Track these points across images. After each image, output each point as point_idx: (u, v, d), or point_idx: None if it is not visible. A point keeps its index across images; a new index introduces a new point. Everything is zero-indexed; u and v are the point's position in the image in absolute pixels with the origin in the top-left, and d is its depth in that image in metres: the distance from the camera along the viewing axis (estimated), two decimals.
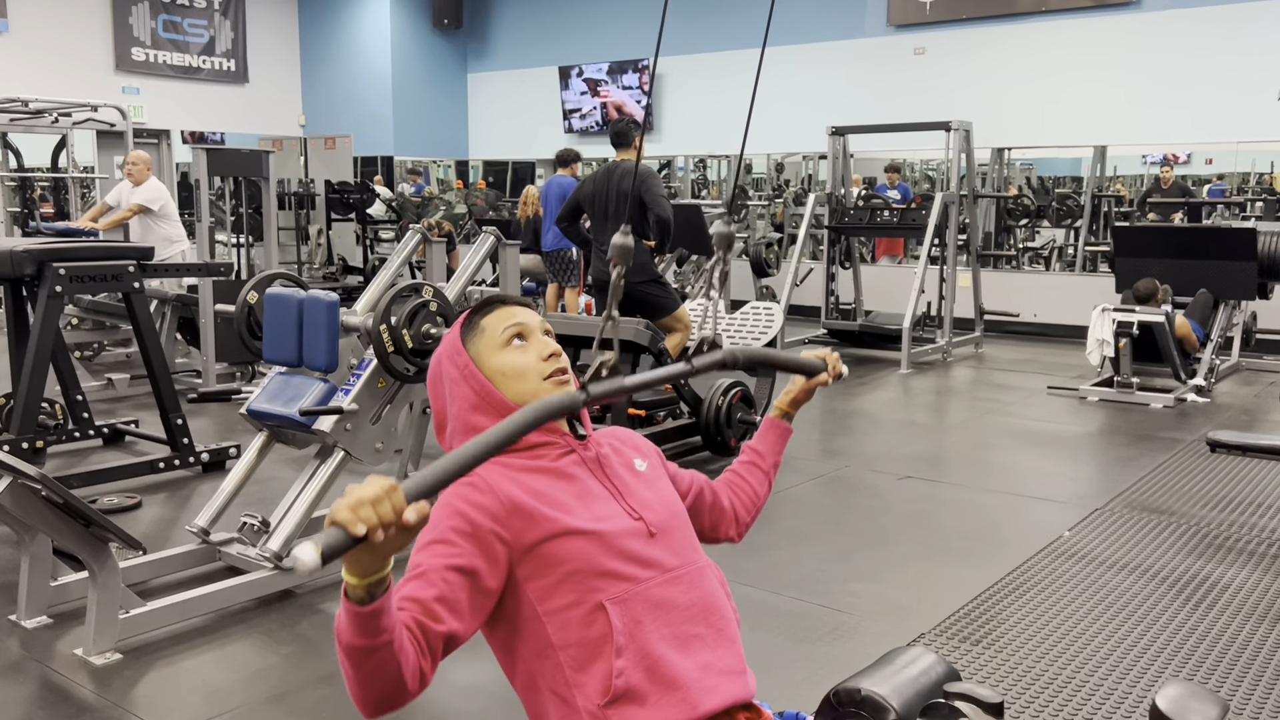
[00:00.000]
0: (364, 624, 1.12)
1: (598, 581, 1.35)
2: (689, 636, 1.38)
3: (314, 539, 0.99)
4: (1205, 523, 4.17)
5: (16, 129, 9.95)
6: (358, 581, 1.10)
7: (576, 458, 1.46)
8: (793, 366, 1.78)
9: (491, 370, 1.46)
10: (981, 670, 2.86)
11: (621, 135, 5.61)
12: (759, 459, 1.81)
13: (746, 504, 1.77)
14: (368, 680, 1.18)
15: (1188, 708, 1.06)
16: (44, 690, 2.76)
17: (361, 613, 1.11)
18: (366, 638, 1.13)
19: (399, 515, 1.04)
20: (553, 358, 1.48)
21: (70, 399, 5.09)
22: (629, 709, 1.32)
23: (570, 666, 1.34)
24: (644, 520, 1.42)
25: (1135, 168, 10.92)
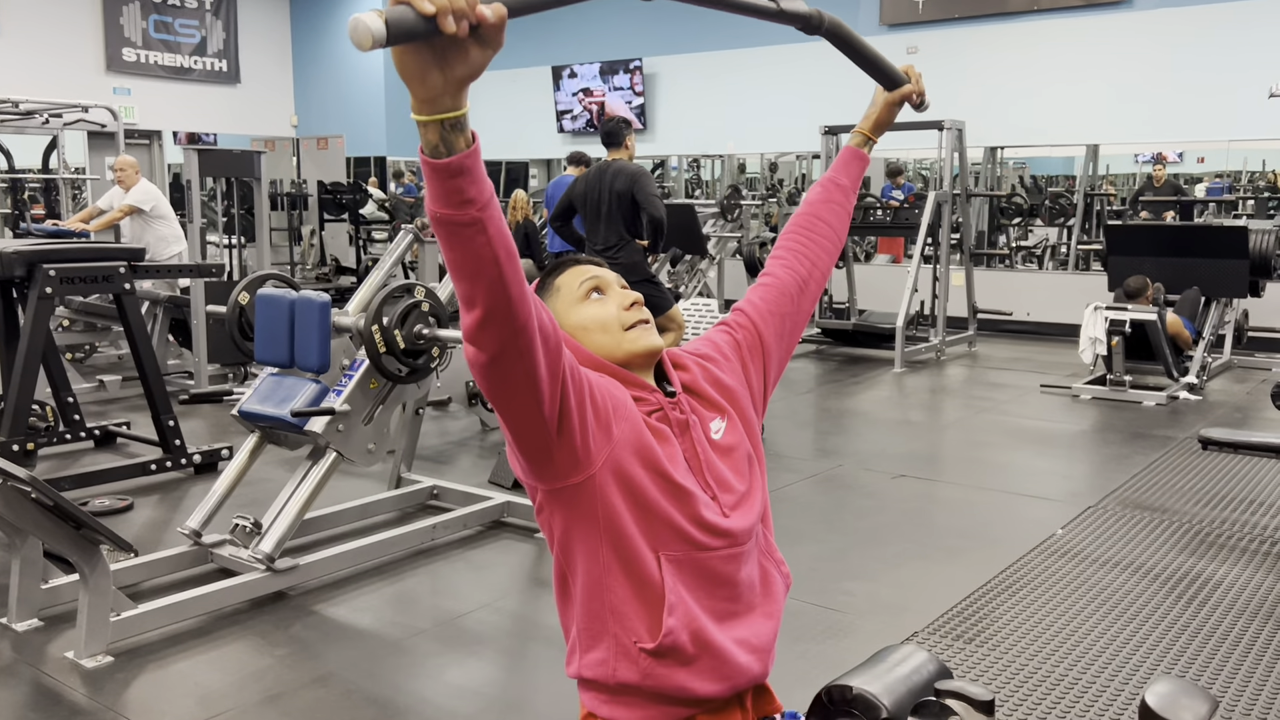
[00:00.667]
0: (442, 183, 1.01)
1: (665, 532, 1.32)
2: (729, 612, 1.38)
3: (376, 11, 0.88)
4: (1197, 520, 4.18)
5: (7, 130, 9.92)
6: (426, 116, 0.99)
7: (664, 415, 1.41)
8: (874, 61, 1.60)
9: (573, 326, 1.41)
10: (974, 668, 2.86)
11: (612, 135, 5.61)
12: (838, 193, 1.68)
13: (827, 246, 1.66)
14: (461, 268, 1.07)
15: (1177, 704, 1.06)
16: (35, 694, 2.75)
17: (438, 166, 1.00)
18: (447, 206, 1.02)
19: (473, 5, 0.91)
20: (634, 306, 1.43)
21: (61, 401, 5.07)
22: (674, 667, 1.32)
23: (612, 591, 1.32)
24: (719, 501, 1.39)
25: (1128, 166, 10.96)
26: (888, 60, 1.59)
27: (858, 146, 1.73)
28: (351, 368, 3.62)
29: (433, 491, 4.38)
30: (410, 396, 3.88)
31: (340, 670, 2.88)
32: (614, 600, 1.33)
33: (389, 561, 3.70)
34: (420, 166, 1.05)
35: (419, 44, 0.93)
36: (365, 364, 3.57)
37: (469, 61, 0.96)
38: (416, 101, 0.99)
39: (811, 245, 1.66)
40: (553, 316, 1.22)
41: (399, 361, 3.54)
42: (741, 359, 1.55)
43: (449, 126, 1.00)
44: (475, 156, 1.02)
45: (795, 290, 1.62)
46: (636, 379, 1.41)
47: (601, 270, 1.46)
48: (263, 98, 13.60)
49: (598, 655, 1.34)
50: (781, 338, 1.60)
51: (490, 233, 1.05)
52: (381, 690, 2.77)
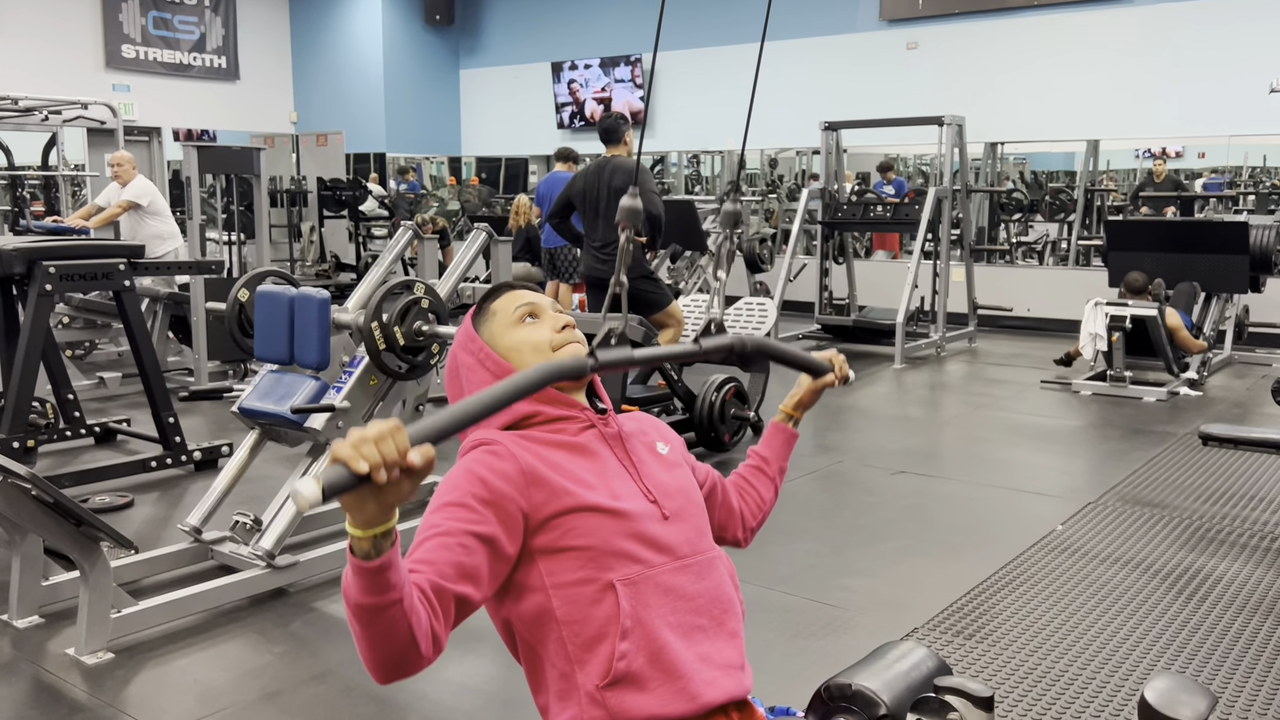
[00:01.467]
0: (370, 580, 1.09)
1: (610, 560, 1.34)
2: (692, 626, 1.38)
3: (315, 474, 0.96)
4: (1197, 516, 4.18)
5: (6, 127, 9.91)
6: (362, 534, 1.06)
7: (596, 433, 1.45)
8: (799, 362, 1.75)
9: (507, 349, 1.46)
10: (974, 664, 2.86)
11: (611, 131, 5.60)
12: (765, 465, 1.79)
13: (753, 509, 1.75)
14: (378, 642, 1.15)
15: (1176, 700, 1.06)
16: (36, 690, 2.75)
17: (367, 568, 1.08)
18: (374, 595, 1.10)
19: (403, 456, 1.00)
20: (566, 329, 1.48)
21: (61, 398, 5.07)
22: (628, 693, 1.32)
23: (572, 643, 1.33)
24: (659, 504, 1.41)
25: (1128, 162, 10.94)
26: (810, 356, 1.75)
27: (782, 423, 1.83)
28: (351, 364, 3.62)
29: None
30: (410, 393, 3.88)
31: (339, 667, 2.88)
32: (576, 653, 1.34)
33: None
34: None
35: None
36: (365, 361, 3.57)
37: (401, 493, 1.04)
38: (354, 524, 1.06)
39: (742, 502, 1.74)
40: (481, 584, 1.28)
41: (399, 358, 3.54)
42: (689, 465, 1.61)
43: (381, 536, 1.07)
44: (396, 547, 1.10)
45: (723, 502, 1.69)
46: (567, 399, 1.45)
47: (536, 296, 1.52)
48: (262, 94, 13.59)
49: (569, 711, 1.35)
50: None
51: (405, 605, 1.14)
52: (380, 688, 2.77)
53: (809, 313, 9.45)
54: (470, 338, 1.49)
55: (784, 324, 8.79)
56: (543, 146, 13.16)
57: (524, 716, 2.75)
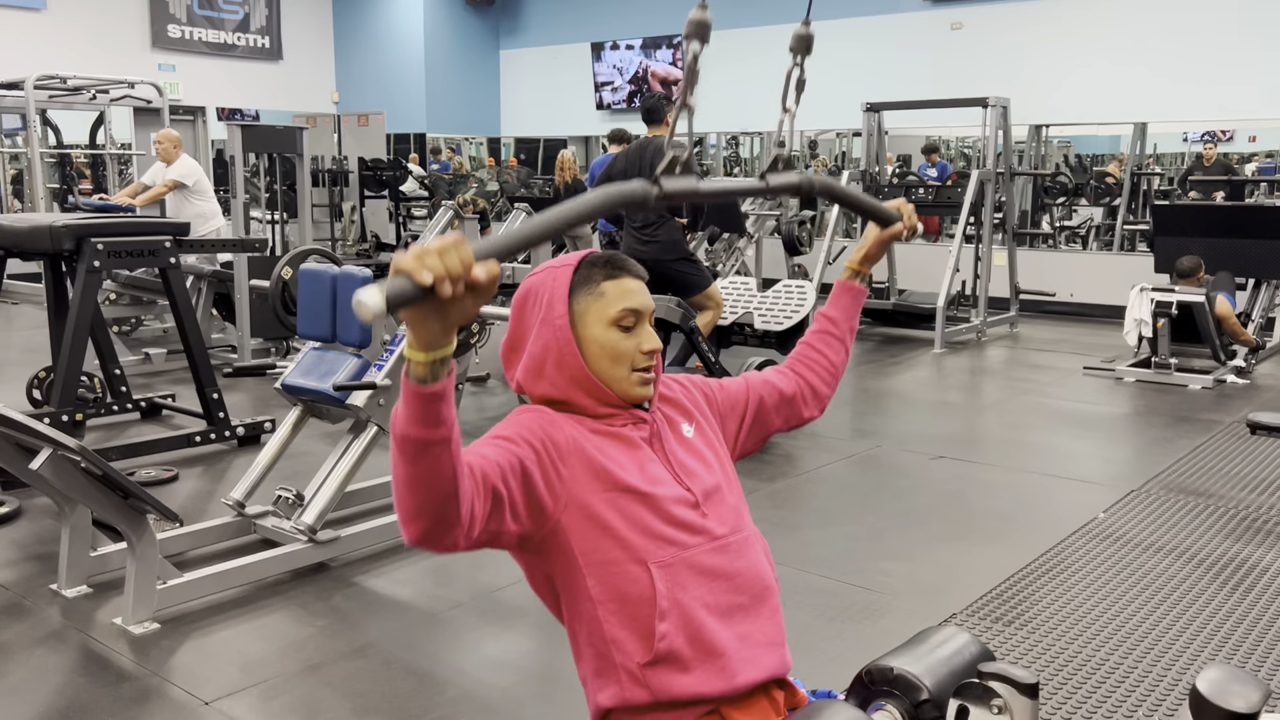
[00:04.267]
0: (423, 409, 1.07)
1: (645, 543, 1.34)
2: (731, 606, 1.38)
3: (379, 284, 0.95)
4: (1244, 505, 4.11)
5: (55, 106, 10.06)
6: (421, 356, 1.05)
7: (638, 429, 1.45)
8: (866, 207, 1.67)
9: (589, 336, 1.40)
10: (1014, 651, 2.84)
11: (653, 111, 5.57)
12: (833, 326, 1.73)
13: (824, 376, 1.70)
14: (419, 483, 1.12)
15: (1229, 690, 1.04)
16: (84, 658, 2.81)
17: (422, 393, 1.06)
18: (424, 427, 1.08)
19: (467, 269, 0.98)
20: (650, 354, 1.44)
21: (109, 373, 5.15)
22: (670, 673, 1.33)
23: (608, 622, 1.34)
24: (693, 491, 1.42)
25: (1175, 145, 10.74)
26: (879, 203, 1.67)
27: (848, 280, 1.77)
28: (393, 343, 3.64)
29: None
30: None
31: (380, 641, 2.91)
32: (611, 631, 1.34)
33: None
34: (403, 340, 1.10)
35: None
36: (406, 339, 3.59)
37: (464, 311, 1.03)
38: (413, 345, 1.05)
39: (809, 374, 1.71)
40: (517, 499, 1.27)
41: None
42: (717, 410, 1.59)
43: (440, 361, 1.06)
44: (452, 377, 1.10)
45: (785, 401, 1.67)
46: (612, 398, 1.43)
47: (644, 298, 1.44)
48: (304, 74, 13.68)
49: (610, 690, 1.36)
50: (750, 429, 1.64)
51: (453, 448, 1.12)
52: (420, 661, 2.81)
53: None
54: (560, 297, 1.41)
55: None
56: (581, 127, 13.14)
57: (561, 692, 2.77)
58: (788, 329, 5.79)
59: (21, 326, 8.31)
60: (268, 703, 2.58)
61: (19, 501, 3.94)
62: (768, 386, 1.65)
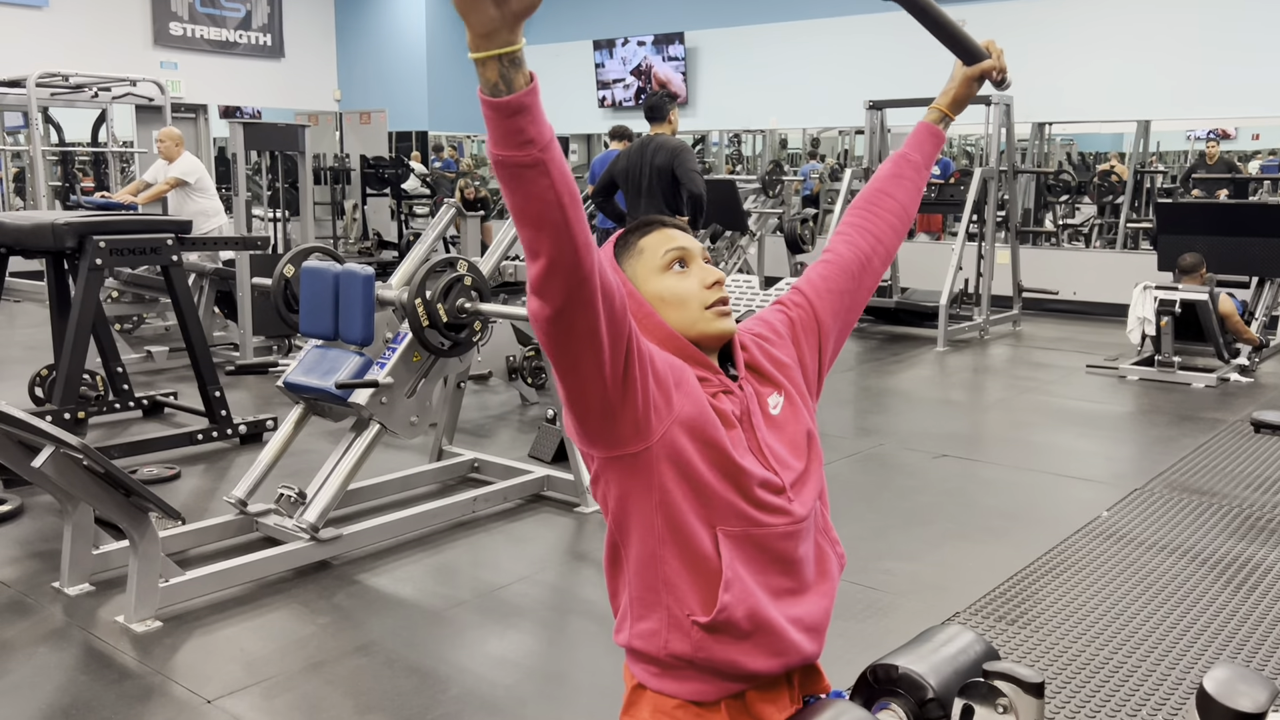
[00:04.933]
0: (500, 125, 0.99)
1: (721, 507, 1.30)
2: (784, 589, 1.37)
3: None
4: (1248, 504, 4.10)
5: (57, 103, 10.06)
6: (484, 53, 0.97)
7: (728, 400, 1.38)
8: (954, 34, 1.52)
9: (650, 294, 1.37)
10: (1017, 650, 2.83)
11: (656, 109, 5.57)
12: (907, 166, 1.63)
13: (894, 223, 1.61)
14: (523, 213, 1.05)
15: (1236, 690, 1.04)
16: (87, 656, 2.81)
17: (496, 105, 0.98)
18: (507, 147, 1.01)
19: None
20: (715, 286, 1.38)
21: (111, 371, 5.15)
22: (728, 642, 1.31)
23: (669, 564, 1.31)
24: (778, 476, 1.37)
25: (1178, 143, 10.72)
26: (967, 33, 1.52)
27: (934, 123, 1.66)
28: (395, 341, 3.64)
29: (473, 465, 4.40)
30: (452, 370, 3.90)
31: (382, 639, 2.91)
32: (668, 572, 1.31)
33: (430, 533, 3.74)
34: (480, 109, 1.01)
35: None
36: (408, 337, 3.59)
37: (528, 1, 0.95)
38: (473, 37, 0.96)
39: (877, 221, 1.61)
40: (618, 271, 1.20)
41: (441, 335, 3.56)
42: (795, 337, 1.51)
43: (507, 62, 0.97)
44: (534, 94, 1.00)
45: (857, 268, 1.58)
46: (703, 358, 1.37)
47: (687, 239, 1.41)
48: (306, 72, 13.67)
49: (649, 626, 1.33)
50: (838, 315, 1.56)
51: (553, 175, 1.03)
52: (422, 659, 2.80)
53: None
54: (614, 269, 1.37)
55: None
56: (583, 125, 13.13)
57: (562, 691, 2.77)
58: None
59: (24, 324, 8.31)
60: (270, 701, 2.58)
61: (21, 499, 3.94)
62: (832, 275, 1.56)
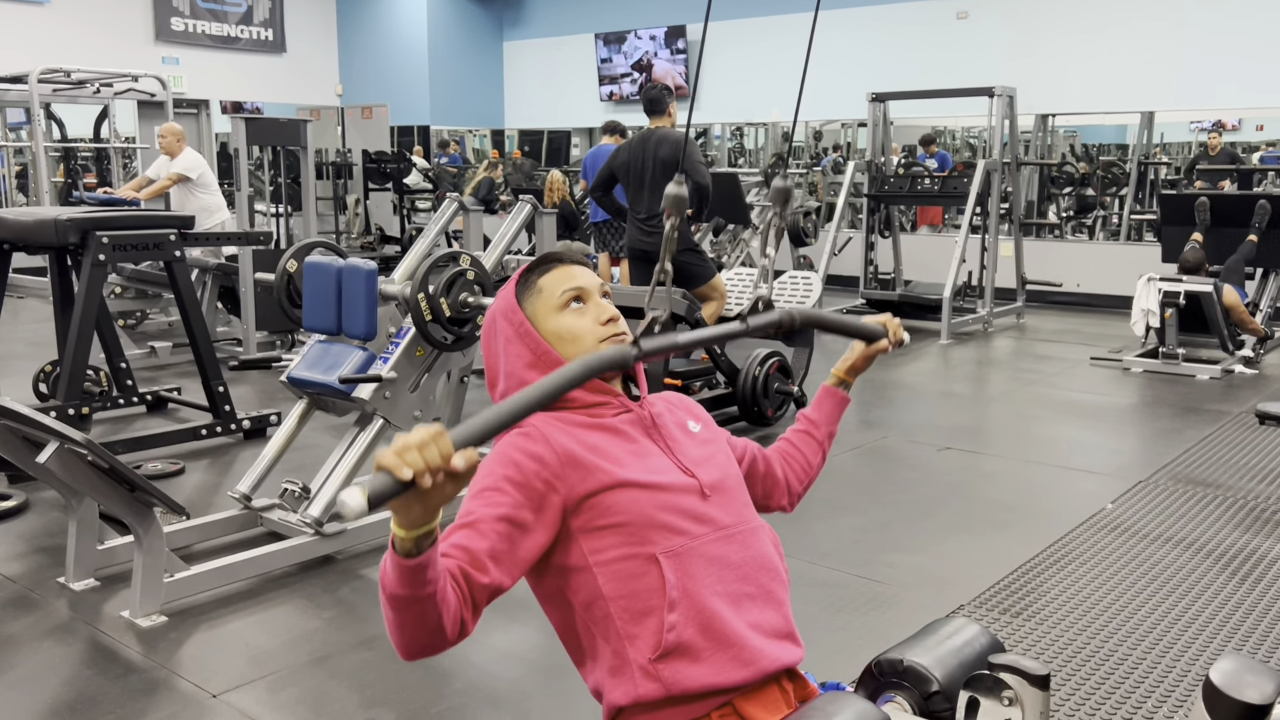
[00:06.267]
0: (409, 576, 1.12)
1: (651, 534, 1.34)
2: (741, 595, 1.37)
3: (360, 483, 1.00)
4: (1253, 496, 4.10)
5: (59, 99, 10.06)
6: (405, 534, 1.09)
7: (632, 417, 1.45)
8: (851, 330, 1.72)
9: (548, 332, 1.45)
10: (1022, 643, 2.83)
11: (656, 102, 5.55)
12: (813, 428, 1.77)
13: (799, 473, 1.74)
14: (408, 627, 1.19)
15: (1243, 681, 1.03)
16: (92, 651, 2.81)
17: (407, 565, 1.11)
18: (410, 589, 1.14)
19: (446, 461, 1.02)
20: (610, 322, 1.46)
21: (114, 366, 5.16)
22: (681, 664, 1.31)
23: (621, 618, 1.33)
24: (697, 478, 1.41)
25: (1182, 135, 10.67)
26: (862, 323, 1.70)
27: (834, 386, 1.80)
28: (398, 335, 3.64)
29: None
30: (455, 364, 3.90)
31: (386, 633, 2.91)
32: (625, 628, 1.34)
33: None
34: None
35: None
36: (411, 332, 3.59)
37: (445, 495, 1.05)
38: (399, 525, 1.09)
39: (785, 467, 1.73)
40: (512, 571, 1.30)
41: (445, 329, 3.55)
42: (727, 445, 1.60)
43: (424, 536, 1.10)
44: (436, 547, 1.13)
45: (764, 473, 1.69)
46: (602, 385, 1.44)
47: (586, 277, 1.48)
48: (308, 67, 13.66)
49: (623, 687, 1.35)
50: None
51: (438, 596, 1.17)
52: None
53: (854, 287, 9.35)
54: (512, 309, 1.47)
55: (828, 298, 8.70)
56: (585, 119, 13.11)
57: (566, 684, 2.77)
58: None
59: (27, 320, 8.32)
60: (275, 695, 2.58)
61: (26, 495, 3.94)
62: (762, 455, 1.69)
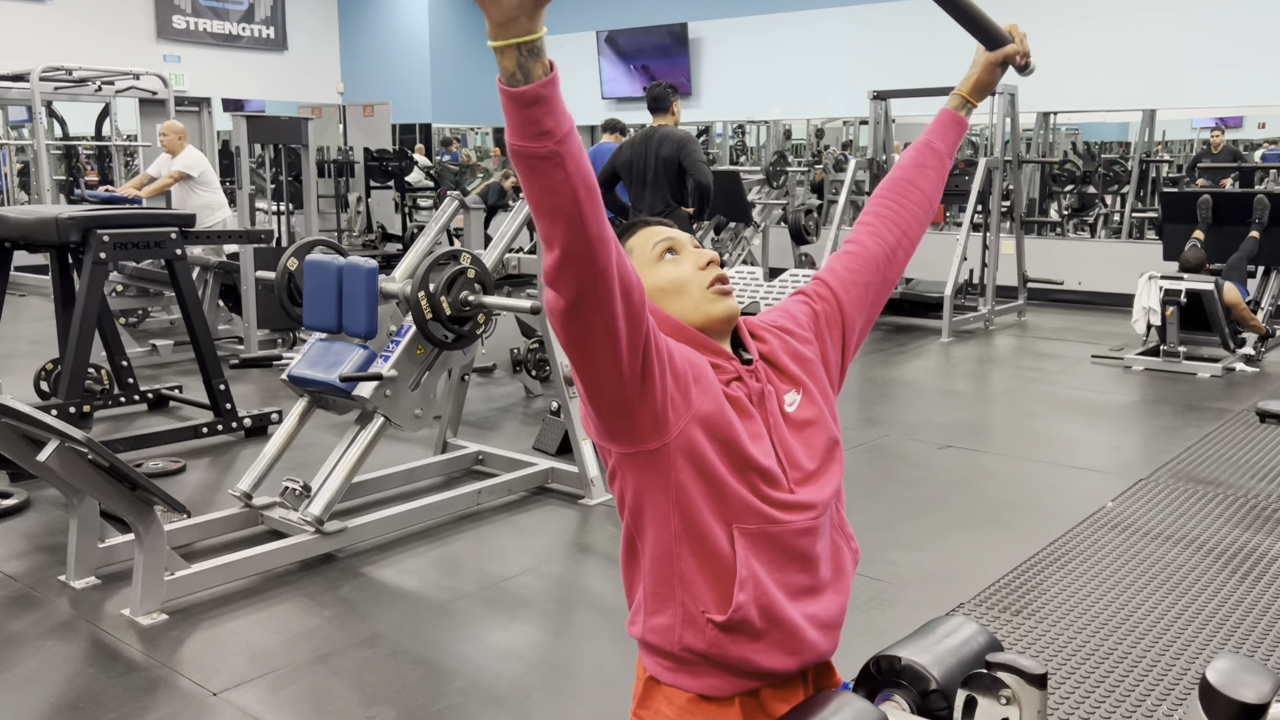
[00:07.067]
0: (517, 115, 1.00)
1: (735, 504, 1.29)
2: (801, 588, 1.35)
3: None
4: (1253, 494, 4.09)
5: (61, 97, 10.06)
6: (503, 41, 0.96)
7: (744, 387, 1.36)
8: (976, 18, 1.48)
9: (649, 288, 1.34)
10: (1022, 641, 2.83)
11: (659, 100, 5.56)
12: (931, 154, 1.60)
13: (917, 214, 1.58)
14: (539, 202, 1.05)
15: (1239, 681, 1.03)
16: (93, 649, 2.82)
17: (513, 95, 0.98)
18: (524, 138, 1.01)
19: None
20: (710, 265, 1.38)
21: (116, 365, 5.17)
22: (743, 641, 1.30)
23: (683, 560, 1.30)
24: (788, 473, 1.35)
25: (1183, 133, 10.67)
26: (989, 17, 1.47)
27: (955, 109, 1.65)
28: (399, 334, 3.64)
29: (478, 457, 4.41)
30: (456, 363, 3.90)
31: (387, 631, 2.92)
32: (683, 569, 1.30)
33: (435, 525, 3.74)
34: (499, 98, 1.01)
35: None
36: (412, 330, 3.59)
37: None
38: (492, 25, 0.96)
39: (902, 212, 1.58)
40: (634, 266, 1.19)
41: (445, 328, 3.56)
42: (819, 331, 1.49)
43: (525, 51, 0.97)
44: (553, 85, 1.00)
45: (882, 259, 1.55)
46: (714, 344, 1.36)
47: (673, 230, 1.42)
48: (309, 65, 13.65)
49: (663, 621, 1.32)
50: (863, 308, 1.54)
51: (569, 168, 1.03)
52: (428, 651, 2.81)
53: None
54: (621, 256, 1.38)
55: None
56: (586, 117, 13.10)
57: (568, 683, 2.77)
58: None
59: (28, 319, 8.33)
60: (276, 693, 2.59)
61: (27, 493, 3.95)
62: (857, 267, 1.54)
